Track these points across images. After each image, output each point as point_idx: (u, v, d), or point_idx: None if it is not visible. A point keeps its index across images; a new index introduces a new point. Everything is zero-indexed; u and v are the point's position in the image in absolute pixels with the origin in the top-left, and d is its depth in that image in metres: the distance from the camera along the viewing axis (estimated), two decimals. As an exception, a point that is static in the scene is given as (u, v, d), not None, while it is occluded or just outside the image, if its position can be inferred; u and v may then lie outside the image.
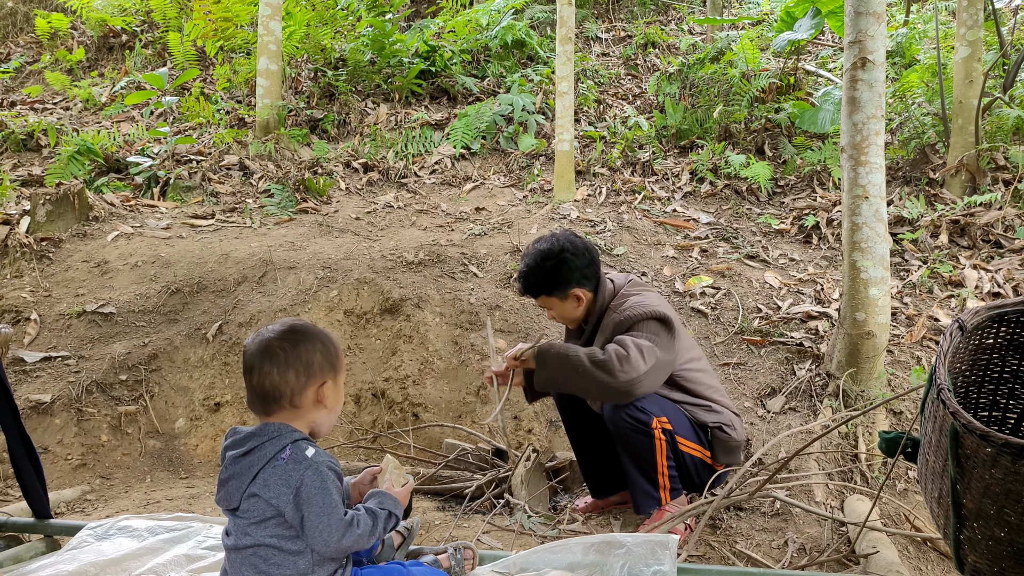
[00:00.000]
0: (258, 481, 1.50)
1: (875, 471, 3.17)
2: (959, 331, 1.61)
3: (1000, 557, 1.46)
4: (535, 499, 3.00)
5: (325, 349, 1.61)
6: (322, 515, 1.49)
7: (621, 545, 2.00)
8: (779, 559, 2.59)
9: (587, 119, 6.99)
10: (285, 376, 1.55)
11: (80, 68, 7.93)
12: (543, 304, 2.71)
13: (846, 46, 3.42)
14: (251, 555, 1.53)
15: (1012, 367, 1.73)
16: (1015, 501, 1.38)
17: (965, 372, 1.73)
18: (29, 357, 3.85)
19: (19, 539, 2.37)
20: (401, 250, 4.65)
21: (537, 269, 2.62)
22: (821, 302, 4.30)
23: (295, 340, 1.58)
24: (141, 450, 3.72)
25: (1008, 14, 6.78)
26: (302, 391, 1.57)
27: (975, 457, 1.41)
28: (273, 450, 1.52)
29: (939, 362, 1.52)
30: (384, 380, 4.07)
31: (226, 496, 1.55)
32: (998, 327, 1.69)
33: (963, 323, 1.62)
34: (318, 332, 1.64)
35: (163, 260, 4.52)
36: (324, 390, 1.59)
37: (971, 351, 1.71)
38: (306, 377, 1.57)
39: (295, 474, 1.49)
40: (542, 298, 2.69)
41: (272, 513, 1.50)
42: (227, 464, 1.56)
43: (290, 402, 1.57)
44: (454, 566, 1.95)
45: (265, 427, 1.55)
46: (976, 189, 5.17)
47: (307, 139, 6.57)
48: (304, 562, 1.53)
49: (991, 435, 1.35)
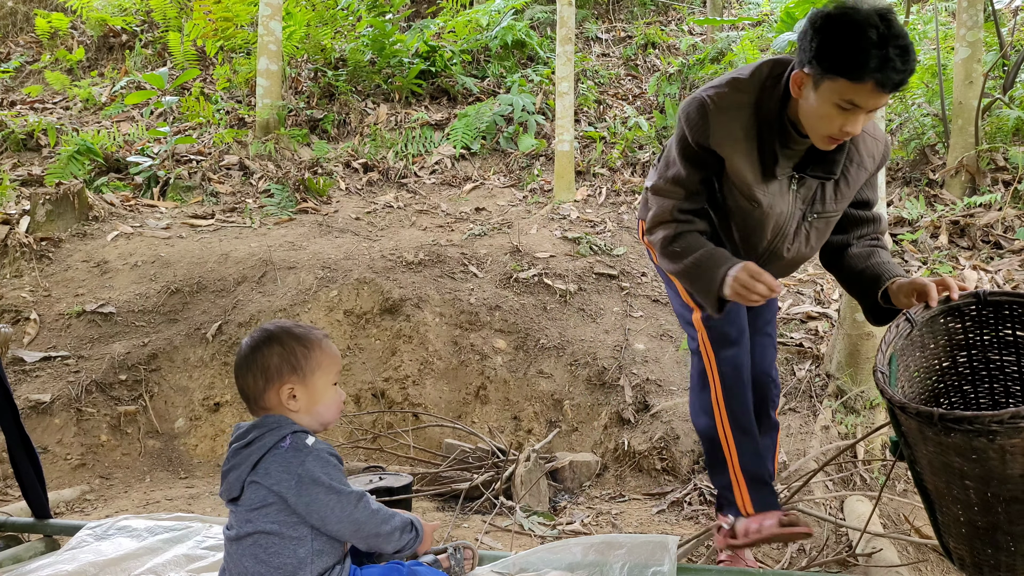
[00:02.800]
0: (259, 469, 1.53)
1: (875, 471, 3.17)
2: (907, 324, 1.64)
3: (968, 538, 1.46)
4: (534, 499, 3.00)
5: (284, 352, 1.59)
6: (330, 494, 1.52)
7: (621, 546, 2.00)
8: (779, 559, 2.59)
9: (587, 119, 6.99)
10: (246, 380, 1.60)
11: (80, 68, 7.93)
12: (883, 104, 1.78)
13: (846, 47, 3.41)
14: (251, 544, 1.54)
15: (996, 363, 1.74)
16: (954, 475, 1.38)
17: (946, 367, 1.75)
18: (29, 357, 3.84)
19: (18, 539, 2.37)
20: (401, 250, 4.65)
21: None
22: (821, 302, 4.30)
23: (254, 345, 1.61)
24: (141, 450, 3.72)
25: (1008, 15, 6.79)
26: (263, 394, 1.59)
27: (911, 434, 1.44)
28: (273, 439, 1.54)
29: (880, 350, 1.55)
30: (384, 380, 4.07)
31: (228, 487, 1.57)
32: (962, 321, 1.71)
33: (911, 317, 1.65)
34: (287, 336, 1.61)
35: (163, 260, 4.52)
36: (287, 392, 1.58)
37: (944, 346, 1.73)
38: (264, 381, 1.58)
39: (296, 461, 1.52)
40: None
41: (272, 499, 1.52)
42: (229, 456, 1.59)
43: (255, 404, 1.61)
44: (454, 565, 1.95)
45: (266, 419, 1.59)
46: (976, 190, 5.17)
47: (307, 139, 6.57)
48: (304, 550, 1.54)
49: (907, 406, 1.37)
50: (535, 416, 3.87)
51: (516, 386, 3.94)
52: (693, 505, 3.10)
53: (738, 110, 1.85)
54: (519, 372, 3.98)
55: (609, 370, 3.87)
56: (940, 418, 1.30)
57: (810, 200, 1.94)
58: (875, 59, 1.61)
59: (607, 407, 3.77)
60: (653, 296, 4.42)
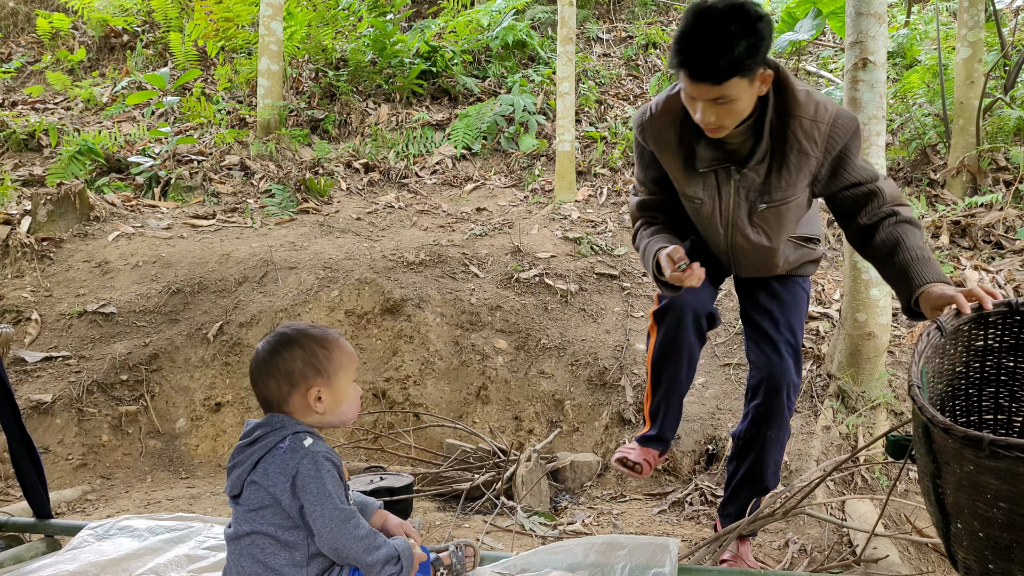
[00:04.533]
0: (258, 469, 1.53)
1: (875, 472, 3.17)
2: (937, 332, 1.63)
3: (982, 551, 1.47)
4: (535, 499, 3.00)
5: (307, 355, 1.59)
6: (316, 504, 1.50)
7: (622, 547, 2.00)
8: (780, 559, 2.59)
9: (588, 119, 6.99)
10: (268, 385, 1.59)
11: (81, 68, 7.93)
12: (723, 94, 1.78)
13: (847, 47, 3.42)
14: (249, 544, 1.54)
15: (1009, 368, 1.74)
16: (983, 494, 1.39)
17: (960, 373, 1.74)
18: (30, 357, 3.85)
19: (20, 539, 2.37)
20: (402, 250, 4.65)
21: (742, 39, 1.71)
22: (822, 303, 4.29)
23: (274, 349, 1.59)
24: (142, 450, 3.73)
25: (1009, 15, 6.78)
26: (287, 398, 1.58)
27: (945, 451, 1.43)
28: (274, 440, 1.55)
29: (913, 362, 1.54)
30: (385, 380, 4.07)
31: (231, 484, 1.58)
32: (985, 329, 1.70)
33: (941, 325, 1.64)
34: (306, 338, 1.61)
35: (164, 260, 4.52)
36: (313, 394, 1.58)
37: (961, 352, 1.72)
38: (288, 386, 1.58)
39: (291, 463, 1.51)
40: (729, 84, 1.76)
41: (269, 501, 1.52)
42: (234, 453, 1.59)
43: (278, 408, 1.60)
44: (455, 563, 1.95)
45: (271, 418, 1.59)
46: (977, 190, 5.17)
47: (308, 139, 6.57)
48: (300, 554, 1.54)
49: (952, 428, 1.37)
50: (536, 416, 3.87)
51: (517, 386, 3.94)
52: (694, 505, 3.10)
53: (671, 115, 2.04)
54: (520, 372, 3.98)
55: (610, 370, 3.87)
56: (990, 444, 1.30)
57: (756, 191, 2.03)
58: (681, 51, 1.77)
59: (608, 407, 3.77)
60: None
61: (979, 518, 1.42)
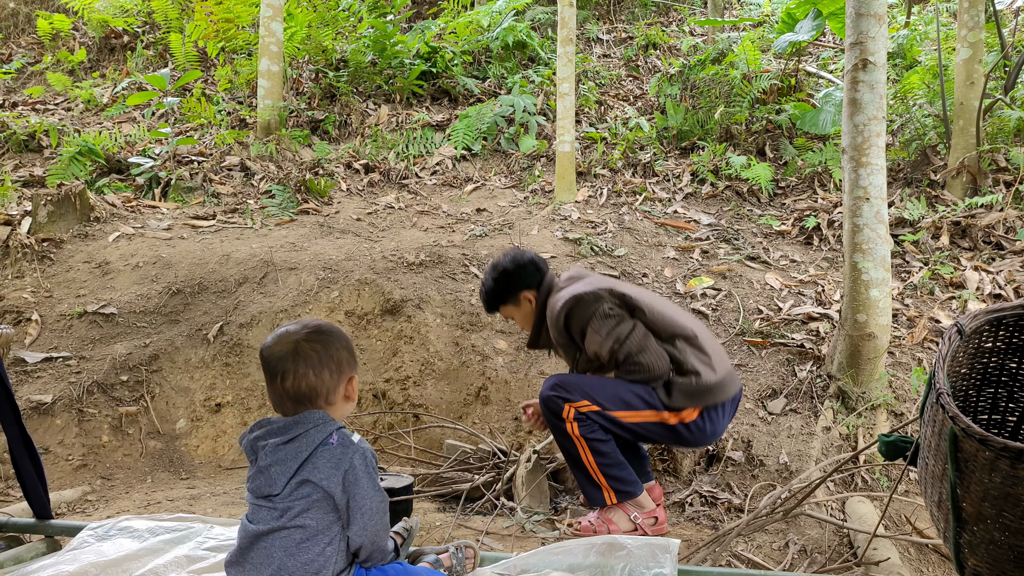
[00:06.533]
0: (308, 466, 1.55)
1: (875, 472, 3.17)
2: (958, 335, 1.61)
3: (999, 560, 1.46)
4: (536, 500, 3.00)
5: (349, 345, 1.68)
6: (367, 498, 1.57)
7: (622, 547, 2.00)
8: (780, 560, 2.59)
9: (588, 120, 7.00)
10: (321, 376, 1.61)
11: (82, 69, 7.94)
12: (506, 315, 2.92)
13: (847, 47, 3.42)
14: (284, 537, 1.55)
15: (1011, 370, 1.73)
16: (1014, 505, 1.38)
17: (964, 375, 1.73)
18: (30, 357, 3.85)
19: (20, 539, 2.38)
20: (402, 251, 4.65)
21: (490, 286, 2.87)
22: (822, 303, 4.30)
23: (325, 340, 1.63)
24: (142, 451, 3.73)
25: (1009, 15, 6.79)
26: (335, 388, 1.63)
27: (974, 461, 1.41)
28: (320, 436, 1.57)
29: (938, 366, 1.53)
30: (385, 381, 4.07)
31: (267, 482, 1.57)
32: (997, 330, 1.69)
33: (962, 327, 1.62)
34: (339, 330, 1.70)
35: (164, 261, 4.52)
36: (352, 384, 1.67)
37: (970, 354, 1.71)
38: (338, 375, 1.63)
39: (344, 457, 1.56)
40: (503, 309, 2.89)
41: (320, 495, 1.55)
42: (268, 452, 1.58)
43: (325, 400, 1.62)
44: (456, 565, 1.95)
45: (309, 415, 1.60)
46: (977, 191, 5.17)
47: (308, 140, 6.58)
48: (332, 548, 1.58)
49: (990, 439, 1.35)
50: (536, 417, 3.86)
51: (517, 387, 3.94)
52: (695, 506, 3.10)
53: None
54: (520, 373, 3.98)
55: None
56: None
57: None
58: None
59: (608, 408, 3.76)
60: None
61: (1001, 527, 1.41)
